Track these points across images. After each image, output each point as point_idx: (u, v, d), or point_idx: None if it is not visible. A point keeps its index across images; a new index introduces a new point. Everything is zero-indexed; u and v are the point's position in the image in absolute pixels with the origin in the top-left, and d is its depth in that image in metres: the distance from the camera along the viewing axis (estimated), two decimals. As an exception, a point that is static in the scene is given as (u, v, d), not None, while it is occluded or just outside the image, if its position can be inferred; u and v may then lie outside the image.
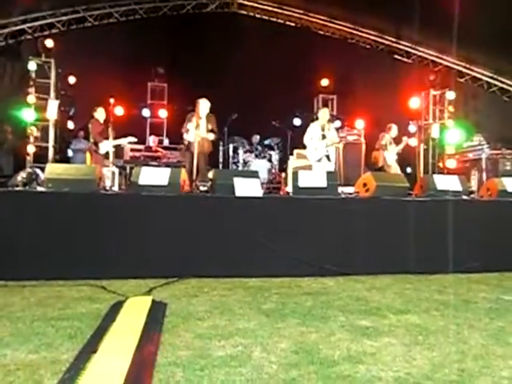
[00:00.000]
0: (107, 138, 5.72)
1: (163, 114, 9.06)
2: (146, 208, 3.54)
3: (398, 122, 6.94)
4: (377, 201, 3.98)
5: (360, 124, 8.55)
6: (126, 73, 7.83)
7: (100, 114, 5.90)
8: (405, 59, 9.63)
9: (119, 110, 7.86)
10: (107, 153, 5.71)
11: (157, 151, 7.75)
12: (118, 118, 6.28)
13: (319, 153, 5.81)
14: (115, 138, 5.77)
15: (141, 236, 3.46)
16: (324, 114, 6.00)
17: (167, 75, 9.25)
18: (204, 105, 5.56)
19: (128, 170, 6.60)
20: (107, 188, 4.61)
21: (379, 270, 3.68)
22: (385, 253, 3.75)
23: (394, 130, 6.73)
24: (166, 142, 8.82)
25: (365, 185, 4.26)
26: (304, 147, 6.11)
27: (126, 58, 7.91)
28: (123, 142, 6.02)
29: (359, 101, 8.58)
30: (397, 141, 6.76)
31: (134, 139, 6.07)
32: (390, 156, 6.64)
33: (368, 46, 9.69)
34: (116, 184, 5.61)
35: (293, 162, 7.14)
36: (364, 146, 7.43)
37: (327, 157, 5.81)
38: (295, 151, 7.38)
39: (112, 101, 5.61)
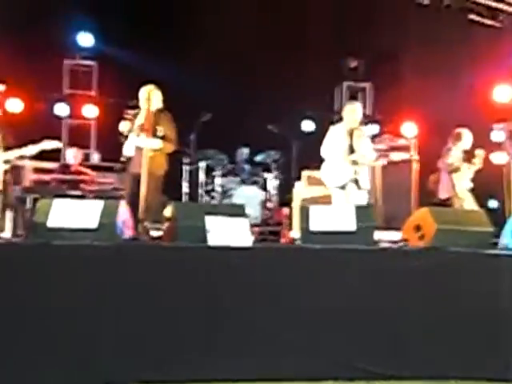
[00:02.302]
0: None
1: (91, 111, 9.13)
2: (59, 268, 3.51)
3: (473, 127, 6.99)
4: (439, 255, 4.00)
5: (410, 130, 8.73)
6: (25, 42, 7.89)
7: None
8: (488, 21, 9.33)
9: (15, 104, 7.92)
10: None
11: (80, 173, 7.77)
12: (11, 118, 6.31)
13: (344, 175, 5.91)
14: (8, 147, 5.73)
15: (49, 318, 3.43)
16: (352, 112, 6.09)
17: (97, 48, 9.29)
18: (151, 96, 5.57)
19: (29, 204, 6.60)
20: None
21: (444, 374, 3.68)
22: (454, 346, 3.75)
23: (466, 140, 6.77)
24: (95, 157, 8.88)
25: (418, 228, 4.31)
26: (319, 167, 6.20)
27: (26, 15, 7.98)
28: (28, 151, 5.78)
29: (409, 92, 8.78)
30: (472, 156, 6.79)
31: (56, 144, 5.93)
32: (460, 181, 6.69)
33: (426, 1, 9.49)
34: (6, 228, 5.57)
35: (301, 191, 7.22)
36: (417, 165, 7.55)
37: (356, 182, 5.90)
38: (304, 173, 7.47)
39: (1, 88, 5.59)
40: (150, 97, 5.55)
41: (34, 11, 7.99)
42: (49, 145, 5.83)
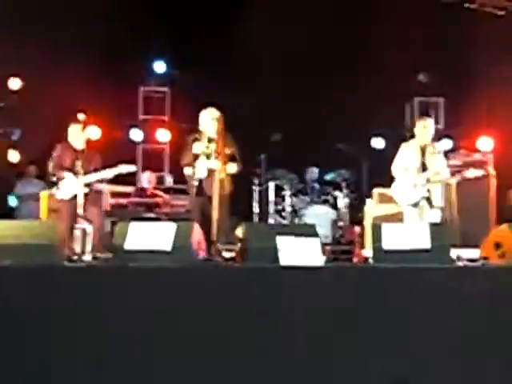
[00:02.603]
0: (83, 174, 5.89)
1: (164, 136, 9.39)
2: (135, 290, 3.57)
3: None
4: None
5: (486, 144, 8.49)
6: (102, 73, 8.25)
7: (75, 134, 6.12)
8: None
9: (94, 132, 8.25)
10: (75, 197, 5.87)
11: (154, 195, 7.99)
12: (91, 144, 6.55)
13: (416, 193, 5.81)
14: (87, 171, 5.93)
15: (127, 343, 3.48)
16: (425, 128, 6.01)
17: (170, 74, 9.65)
18: (207, 117, 5.65)
19: (109, 227, 6.82)
20: (74, 257, 4.74)
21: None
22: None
23: None
24: (168, 180, 9.08)
25: (498, 245, 4.20)
26: (390, 184, 6.12)
27: (103, 49, 8.34)
28: (105, 175, 6.06)
29: (483, 105, 8.56)
30: None
31: (132, 168, 6.13)
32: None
33: (501, 12, 9.37)
34: (88, 249, 5.77)
35: (372, 209, 7.14)
36: (495, 181, 7.34)
37: (428, 200, 5.78)
38: (376, 191, 7.39)
39: (82, 117, 5.86)
40: (220, 119, 5.64)
41: (109, 41, 8.31)
42: (125, 168, 6.09)
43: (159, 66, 9.49)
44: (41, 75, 8.01)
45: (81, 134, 6.16)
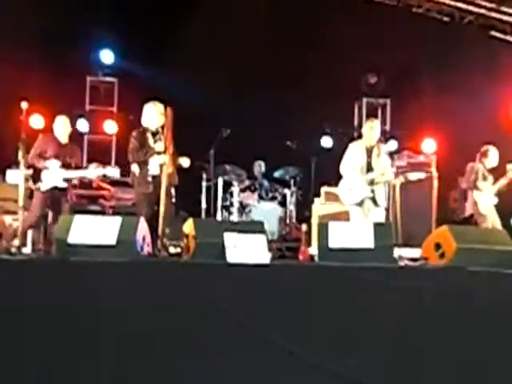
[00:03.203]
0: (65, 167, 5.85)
1: (111, 127, 9.27)
2: (78, 286, 3.48)
3: (498, 142, 6.91)
4: (460, 275, 3.91)
5: (430, 146, 8.72)
6: (48, 60, 8.09)
7: (59, 126, 6.08)
8: (510, 38, 9.21)
9: (37, 121, 8.04)
10: (50, 191, 5.81)
11: (100, 188, 7.84)
12: (34, 133, 6.39)
13: (361, 192, 5.89)
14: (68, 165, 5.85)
15: (68, 334, 3.40)
16: (372, 129, 6.10)
17: (118, 65, 9.44)
18: (152, 111, 5.61)
19: (49, 220, 6.65)
20: (13, 250, 4.65)
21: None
22: (468, 366, 3.65)
23: (491, 157, 6.65)
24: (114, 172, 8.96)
25: (438, 246, 4.26)
26: (337, 183, 6.19)
27: (50, 36, 8.14)
28: (89, 174, 6.14)
29: (429, 109, 8.76)
30: (497, 173, 6.65)
31: (116, 173, 6.12)
32: (484, 199, 6.56)
33: (446, 19, 9.39)
34: (29, 242, 5.64)
35: (319, 208, 7.22)
36: (436, 182, 7.50)
37: (373, 200, 5.88)
38: (323, 189, 7.48)
39: (25, 105, 5.62)
40: (167, 113, 5.52)
41: (56, 29, 8.14)
42: (110, 172, 6.13)
43: (106, 56, 9.29)
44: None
45: (67, 127, 6.18)
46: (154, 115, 5.62)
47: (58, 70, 8.25)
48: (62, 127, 6.13)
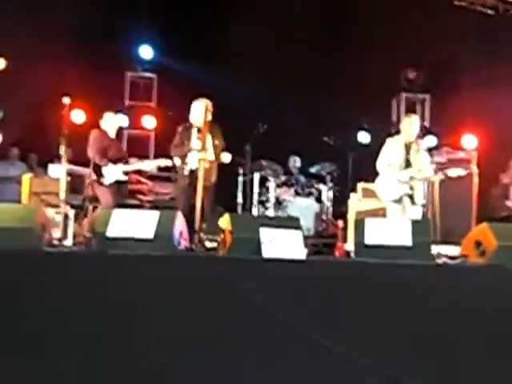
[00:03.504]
0: (114, 162, 6.02)
1: (150, 122, 9.35)
2: (116, 279, 3.55)
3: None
4: (500, 273, 3.89)
5: (471, 142, 8.53)
6: (88, 55, 8.21)
7: (109, 123, 6.22)
8: None
9: (78, 116, 8.18)
10: (115, 184, 6.00)
11: (139, 182, 7.94)
12: (75, 129, 6.53)
13: (399, 189, 5.82)
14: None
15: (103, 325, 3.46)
16: (410, 124, 6.01)
17: (157, 61, 9.55)
18: (200, 108, 5.69)
19: (90, 212, 6.77)
20: (55, 242, 4.73)
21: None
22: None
23: None
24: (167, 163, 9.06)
25: (478, 244, 4.23)
26: (374, 179, 6.14)
27: (89, 32, 8.27)
28: (146, 166, 6.38)
29: (469, 104, 8.60)
30: None
31: (168, 163, 6.15)
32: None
33: (490, 11, 9.19)
34: (70, 235, 5.75)
35: (356, 204, 7.17)
36: (477, 179, 7.38)
37: (411, 197, 5.80)
38: (360, 185, 7.41)
39: (67, 101, 5.74)
40: (209, 109, 5.64)
41: (96, 24, 8.26)
42: (163, 162, 6.20)
43: (146, 52, 9.41)
44: (25, 55, 7.91)
45: (114, 123, 6.34)
46: (200, 112, 5.69)
47: (98, 65, 8.34)
48: (110, 123, 6.26)
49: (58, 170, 5.97)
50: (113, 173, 5.99)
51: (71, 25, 8.05)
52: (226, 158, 5.84)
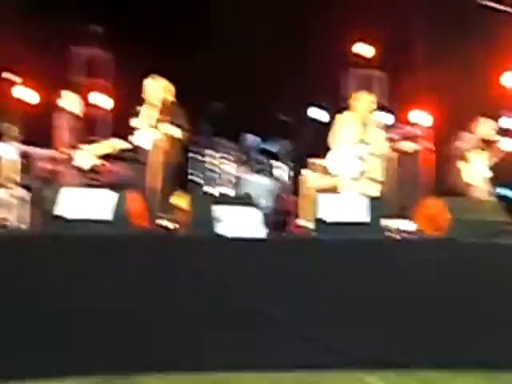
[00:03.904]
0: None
1: (106, 102, 9.11)
2: (73, 260, 3.51)
3: (492, 115, 6.87)
4: (453, 246, 3.96)
5: (424, 119, 8.64)
6: (36, 29, 7.90)
7: (69, 101, 6.00)
8: (500, 6, 8.89)
9: (28, 95, 7.91)
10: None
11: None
12: (23, 108, 6.32)
13: (354, 166, 5.85)
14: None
15: (65, 308, 3.45)
16: (365, 101, 6.01)
17: (113, 34, 9.26)
18: (153, 86, 5.64)
19: (42, 193, 6.63)
20: (4, 223, 4.62)
21: (458, 364, 3.64)
22: (468, 336, 3.72)
23: (484, 128, 6.60)
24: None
25: (432, 218, 4.29)
26: (325, 155, 6.18)
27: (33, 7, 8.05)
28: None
29: (423, 80, 8.71)
30: (491, 145, 6.56)
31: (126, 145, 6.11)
32: (476, 171, 6.55)
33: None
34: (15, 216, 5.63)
35: (310, 180, 7.19)
36: (431, 155, 7.48)
37: (365, 172, 5.81)
38: (313, 162, 7.43)
39: (10, 77, 5.60)
40: (168, 89, 5.63)
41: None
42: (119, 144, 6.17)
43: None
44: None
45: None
46: (154, 90, 5.65)
47: (47, 43, 8.11)
48: (72, 102, 6.14)
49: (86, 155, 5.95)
50: (85, 156, 5.96)
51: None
52: (176, 132, 5.68)
